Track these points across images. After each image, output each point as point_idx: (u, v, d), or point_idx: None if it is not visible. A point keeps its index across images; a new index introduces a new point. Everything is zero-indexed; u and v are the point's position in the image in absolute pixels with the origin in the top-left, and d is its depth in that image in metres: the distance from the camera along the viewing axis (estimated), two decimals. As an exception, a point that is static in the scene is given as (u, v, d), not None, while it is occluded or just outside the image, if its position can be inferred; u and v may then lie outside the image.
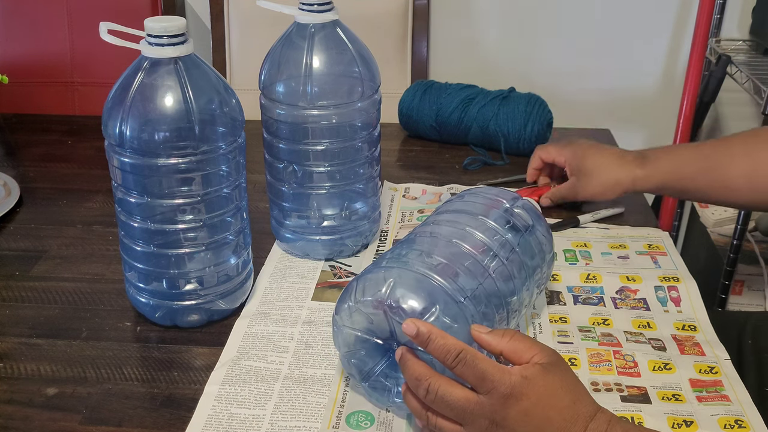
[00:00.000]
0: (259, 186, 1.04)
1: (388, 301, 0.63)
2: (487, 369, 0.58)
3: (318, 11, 0.81)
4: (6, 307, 0.84)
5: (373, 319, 0.64)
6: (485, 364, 0.58)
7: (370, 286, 0.64)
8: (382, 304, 0.63)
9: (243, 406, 0.69)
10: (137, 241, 0.76)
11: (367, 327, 0.65)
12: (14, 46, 1.57)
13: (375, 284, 0.64)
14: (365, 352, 0.67)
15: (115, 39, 0.71)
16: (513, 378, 0.57)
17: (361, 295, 0.64)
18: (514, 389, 0.57)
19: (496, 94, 1.20)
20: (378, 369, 0.67)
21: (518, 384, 0.57)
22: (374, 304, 0.63)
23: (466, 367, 0.58)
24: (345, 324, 0.66)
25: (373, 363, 0.67)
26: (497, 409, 0.58)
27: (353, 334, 0.66)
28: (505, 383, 0.57)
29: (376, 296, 0.63)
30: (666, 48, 1.82)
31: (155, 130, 0.71)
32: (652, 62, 1.83)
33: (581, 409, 0.58)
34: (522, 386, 0.57)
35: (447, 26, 1.82)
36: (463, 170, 1.16)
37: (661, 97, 1.87)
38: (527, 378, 0.57)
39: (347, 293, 0.66)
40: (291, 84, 0.83)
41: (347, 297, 0.66)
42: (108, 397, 0.71)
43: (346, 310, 0.66)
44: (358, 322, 0.65)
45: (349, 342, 0.67)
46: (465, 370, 0.58)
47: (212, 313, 0.80)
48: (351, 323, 0.66)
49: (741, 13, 1.75)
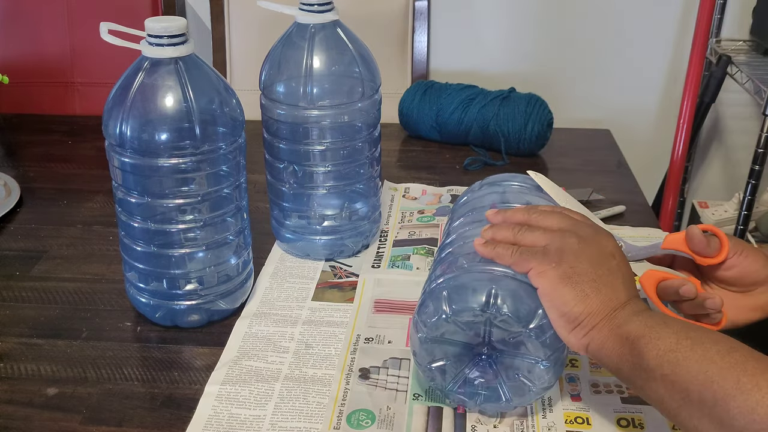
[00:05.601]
0: (260, 186, 1.04)
1: (493, 309, 0.62)
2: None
3: (318, 11, 0.81)
4: (6, 307, 0.84)
5: (470, 327, 0.63)
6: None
7: (463, 294, 0.63)
8: (484, 312, 0.62)
9: (243, 407, 0.69)
10: (137, 241, 0.76)
11: (460, 335, 0.64)
12: (14, 46, 1.57)
13: (472, 292, 0.63)
14: (452, 360, 0.65)
15: (116, 39, 0.71)
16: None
17: (457, 305, 0.63)
18: (601, 230, 0.65)
19: (496, 94, 1.20)
20: (467, 373, 0.66)
21: (605, 232, 0.65)
22: (474, 313, 0.62)
23: (545, 213, 0.67)
24: (434, 335, 0.64)
25: (459, 368, 0.66)
26: (587, 231, 0.64)
27: (443, 344, 0.64)
28: (594, 224, 0.66)
29: (475, 304, 0.62)
30: (666, 48, 1.82)
31: (156, 130, 0.71)
32: (653, 62, 1.83)
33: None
34: (607, 235, 0.65)
35: (447, 26, 1.82)
36: (463, 170, 1.16)
37: (661, 98, 1.87)
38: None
39: (437, 302, 0.64)
40: (291, 84, 0.83)
41: (439, 308, 0.63)
42: (108, 397, 0.71)
43: (440, 321, 0.63)
44: (450, 331, 0.64)
45: (436, 351, 0.65)
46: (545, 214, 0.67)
47: (212, 313, 0.80)
48: (441, 333, 0.64)
49: (741, 14, 1.76)
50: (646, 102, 1.87)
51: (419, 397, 0.70)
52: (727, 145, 1.92)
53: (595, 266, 0.61)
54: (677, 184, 1.80)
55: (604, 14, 1.79)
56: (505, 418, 0.67)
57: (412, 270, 0.88)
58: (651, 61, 1.83)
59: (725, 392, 0.51)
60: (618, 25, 1.79)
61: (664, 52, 1.82)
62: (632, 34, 1.80)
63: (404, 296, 0.84)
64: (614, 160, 1.20)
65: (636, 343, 0.57)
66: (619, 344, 0.59)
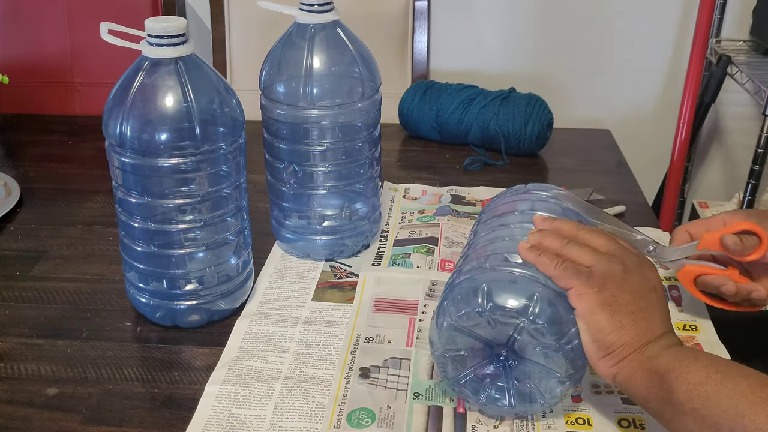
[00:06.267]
0: (260, 186, 1.04)
1: (530, 317, 0.62)
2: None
3: (318, 11, 0.81)
4: (6, 307, 0.83)
5: (500, 326, 0.63)
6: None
7: (504, 293, 0.63)
8: (520, 317, 0.62)
9: (243, 407, 0.69)
10: (137, 241, 0.76)
11: (487, 331, 0.64)
12: (14, 46, 1.57)
13: (513, 294, 0.62)
14: (469, 353, 0.65)
15: (116, 39, 0.71)
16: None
17: (497, 301, 0.62)
18: (646, 262, 0.64)
19: (496, 94, 1.20)
20: (480, 370, 0.66)
21: (650, 264, 0.65)
22: (510, 315, 0.62)
23: (594, 232, 0.66)
24: (462, 324, 0.64)
25: (474, 362, 0.65)
26: (633, 260, 0.63)
27: (465, 335, 0.64)
28: (640, 254, 0.65)
29: (512, 306, 0.62)
30: (666, 48, 1.82)
31: (156, 130, 0.71)
32: (653, 62, 1.83)
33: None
34: (651, 267, 0.64)
35: (447, 26, 1.82)
36: (463, 171, 1.16)
37: (661, 98, 1.87)
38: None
39: (473, 294, 0.63)
40: (291, 84, 0.83)
41: (474, 300, 0.63)
42: (108, 397, 0.71)
43: (472, 313, 0.63)
44: (478, 326, 0.63)
45: (458, 340, 0.64)
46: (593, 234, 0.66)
47: (212, 313, 0.80)
48: (469, 324, 0.64)
49: (741, 14, 1.75)
50: (646, 102, 1.87)
51: (419, 397, 0.70)
52: (727, 145, 1.92)
53: (636, 298, 0.61)
54: (677, 184, 1.80)
55: (604, 14, 1.79)
56: (506, 419, 0.67)
57: (413, 268, 0.88)
58: (651, 61, 1.83)
59: (756, 427, 0.51)
60: (618, 25, 1.79)
61: (664, 52, 1.82)
62: (632, 34, 1.80)
63: (404, 295, 0.84)
64: (614, 160, 1.20)
65: (666, 377, 0.57)
66: (648, 377, 0.59)
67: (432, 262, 0.89)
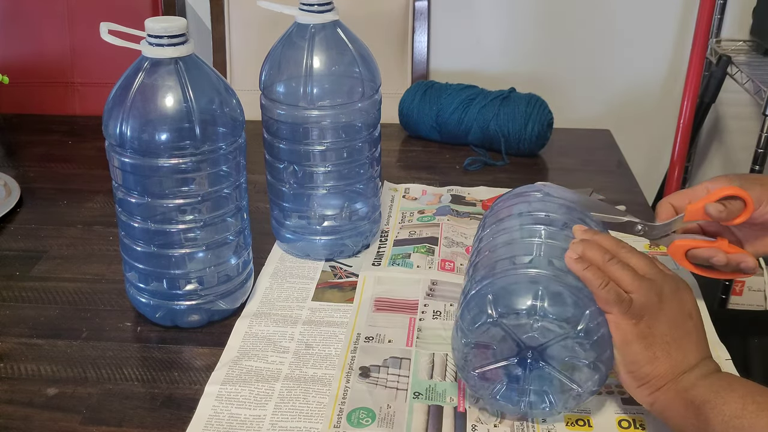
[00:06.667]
0: (260, 186, 1.04)
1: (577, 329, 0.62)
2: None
3: (318, 11, 0.81)
4: (6, 307, 0.84)
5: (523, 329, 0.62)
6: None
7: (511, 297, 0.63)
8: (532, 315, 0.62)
9: (243, 407, 0.69)
10: (137, 241, 0.76)
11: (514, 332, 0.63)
12: (14, 46, 1.57)
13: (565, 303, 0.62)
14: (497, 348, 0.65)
15: (116, 39, 0.71)
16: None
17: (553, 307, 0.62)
18: (682, 285, 0.64)
19: (496, 94, 1.20)
20: (511, 370, 0.65)
21: (686, 286, 0.64)
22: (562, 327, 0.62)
23: (633, 252, 0.64)
24: (496, 318, 0.63)
25: (504, 356, 0.65)
26: (671, 286, 0.63)
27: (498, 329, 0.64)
28: (676, 277, 0.64)
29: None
30: (666, 48, 1.82)
31: (156, 130, 0.71)
32: (653, 62, 1.83)
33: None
34: (688, 291, 0.64)
35: (447, 26, 1.82)
36: (463, 171, 1.16)
37: (661, 98, 1.87)
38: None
39: (522, 296, 0.63)
40: (291, 84, 0.83)
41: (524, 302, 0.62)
42: (108, 397, 0.71)
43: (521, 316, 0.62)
44: (529, 329, 0.63)
45: (487, 335, 0.64)
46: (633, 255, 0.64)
47: (212, 313, 0.80)
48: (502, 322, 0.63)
49: (741, 14, 1.75)
50: (646, 102, 1.87)
51: (419, 396, 0.70)
52: (727, 145, 1.92)
53: (672, 328, 0.62)
54: (677, 184, 1.80)
55: (604, 14, 1.79)
56: (506, 418, 0.67)
57: (413, 268, 0.88)
58: (651, 61, 1.83)
59: None
60: (618, 25, 1.79)
61: (664, 52, 1.82)
62: (632, 34, 1.80)
63: (404, 295, 0.84)
64: (614, 160, 1.20)
65: (701, 408, 0.58)
66: (683, 408, 0.59)
67: (432, 261, 0.89)
